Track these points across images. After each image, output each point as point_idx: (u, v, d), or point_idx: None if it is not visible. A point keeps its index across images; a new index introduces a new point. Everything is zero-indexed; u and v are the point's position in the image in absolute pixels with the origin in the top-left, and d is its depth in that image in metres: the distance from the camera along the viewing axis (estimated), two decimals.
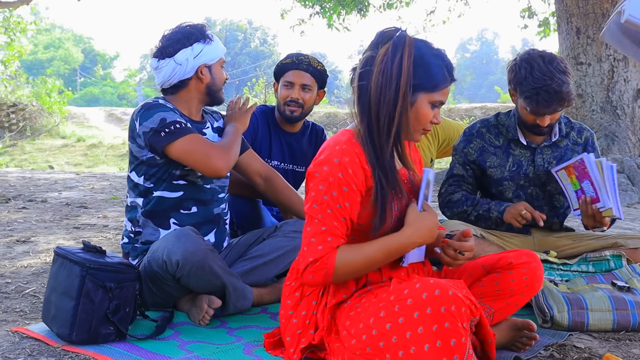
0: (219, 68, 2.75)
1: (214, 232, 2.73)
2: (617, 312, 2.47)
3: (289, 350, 2.07)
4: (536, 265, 2.13)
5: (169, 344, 2.29)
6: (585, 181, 2.79)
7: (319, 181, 1.92)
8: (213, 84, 2.72)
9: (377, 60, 1.94)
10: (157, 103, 2.62)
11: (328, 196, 1.90)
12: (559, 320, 2.45)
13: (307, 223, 1.93)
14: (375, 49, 1.98)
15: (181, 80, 2.68)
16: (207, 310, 2.49)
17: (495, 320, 2.18)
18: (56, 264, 2.37)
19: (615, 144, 7.67)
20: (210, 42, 2.69)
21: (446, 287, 1.72)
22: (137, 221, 2.67)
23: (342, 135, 2.01)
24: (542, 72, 2.75)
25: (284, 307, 2.12)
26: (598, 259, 2.85)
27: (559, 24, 8.24)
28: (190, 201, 2.66)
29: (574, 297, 2.51)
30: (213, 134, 2.79)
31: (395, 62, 1.92)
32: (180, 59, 2.64)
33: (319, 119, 18.87)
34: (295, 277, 2.13)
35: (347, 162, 1.92)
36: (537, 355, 2.24)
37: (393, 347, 1.72)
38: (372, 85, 1.94)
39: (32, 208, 5.74)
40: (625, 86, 7.80)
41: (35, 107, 17.96)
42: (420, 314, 1.70)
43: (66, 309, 2.24)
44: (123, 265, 2.34)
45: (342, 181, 1.91)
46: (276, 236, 2.81)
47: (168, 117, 2.55)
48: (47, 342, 2.27)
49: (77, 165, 13.87)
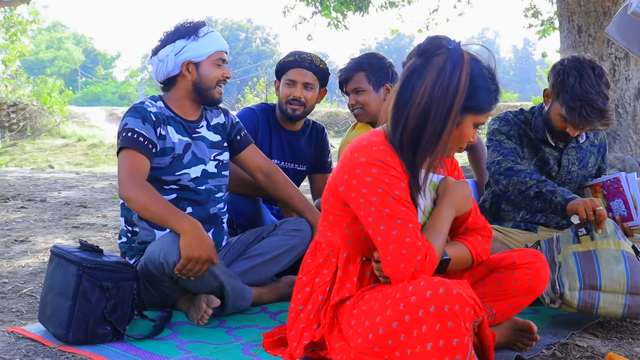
0: (211, 65, 2.68)
1: (212, 232, 2.71)
2: (630, 297, 2.37)
3: (291, 344, 2.06)
4: (541, 265, 2.09)
5: (167, 344, 2.27)
6: (616, 199, 2.77)
7: (375, 184, 1.85)
8: (200, 82, 2.67)
9: (430, 72, 1.86)
10: (134, 106, 2.60)
11: (394, 196, 1.84)
12: (568, 299, 2.37)
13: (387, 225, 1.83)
14: (423, 58, 1.91)
15: (168, 77, 2.67)
16: (206, 310, 2.47)
17: (497, 322, 2.15)
18: (52, 264, 2.35)
19: (617, 142, 7.65)
20: (196, 38, 2.65)
21: (450, 286, 1.69)
22: (132, 221, 2.65)
23: (375, 137, 1.93)
24: (591, 85, 2.65)
25: (294, 301, 2.11)
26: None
27: (561, 23, 8.21)
28: (184, 202, 2.63)
29: (590, 270, 2.40)
30: (208, 132, 2.75)
31: (453, 80, 1.85)
32: (162, 55, 2.65)
33: (320, 118, 18.85)
34: (306, 272, 2.10)
35: (390, 162, 1.87)
36: (539, 355, 2.22)
37: (402, 345, 1.71)
38: (419, 97, 1.87)
39: (31, 207, 5.72)
40: (627, 85, 7.77)
41: (35, 106, 17.94)
42: (425, 312, 1.68)
43: (62, 309, 2.22)
44: (120, 264, 2.32)
45: (397, 179, 1.86)
46: (275, 235, 2.79)
47: (129, 123, 2.54)
48: (44, 342, 2.25)
49: (78, 165, 13.84)
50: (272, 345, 2.20)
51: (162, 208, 2.40)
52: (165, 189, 2.60)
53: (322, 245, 2.09)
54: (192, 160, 2.65)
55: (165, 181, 2.60)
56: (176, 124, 2.66)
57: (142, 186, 2.44)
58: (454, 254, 2.00)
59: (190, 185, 2.64)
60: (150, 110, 2.58)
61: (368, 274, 2.04)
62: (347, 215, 1.98)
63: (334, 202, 2.01)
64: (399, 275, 1.81)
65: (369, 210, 1.85)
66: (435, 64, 1.87)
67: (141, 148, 2.50)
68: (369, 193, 1.85)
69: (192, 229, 2.36)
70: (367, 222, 1.87)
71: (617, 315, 2.40)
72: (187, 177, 2.63)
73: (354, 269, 2.02)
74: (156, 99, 2.69)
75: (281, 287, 2.82)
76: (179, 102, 2.70)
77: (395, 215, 1.83)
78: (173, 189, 2.62)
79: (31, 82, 20.12)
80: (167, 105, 2.68)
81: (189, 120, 2.71)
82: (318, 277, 2.06)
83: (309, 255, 2.13)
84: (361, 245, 2.01)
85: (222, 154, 2.78)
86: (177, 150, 2.62)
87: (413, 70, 1.91)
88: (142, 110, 2.57)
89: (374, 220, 1.85)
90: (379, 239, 1.84)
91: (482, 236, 2.12)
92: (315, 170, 3.53)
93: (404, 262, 1.81)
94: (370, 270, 2.04)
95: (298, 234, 2.78)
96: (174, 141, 2.62)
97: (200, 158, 2.68)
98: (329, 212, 2.05)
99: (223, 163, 2.77)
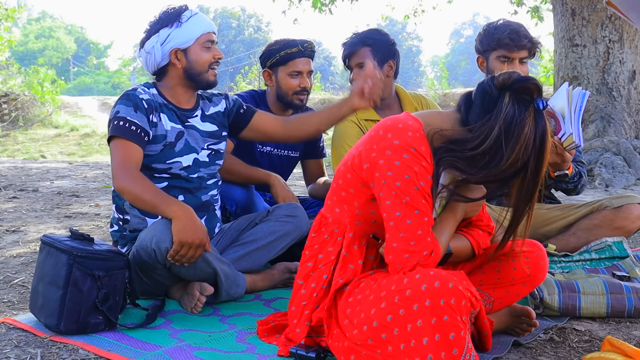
0: (200, 49, 2.61)
1: (204, 219, 2.67)
2: (611, 296, 2.40)
3: (291, 321, 2.04)
4: (540, 254, 2.07)
5: (160, 332, 2.24)
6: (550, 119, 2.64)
7: (403, 169, 1.79)
8: (190, 67, 2.61)
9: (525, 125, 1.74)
10: (126, 93, 2.56)
11: (418, 186, 1.79)
12: (549, 303, 2.38)
13: (404, 213, 1.79)
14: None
15: (159, 68, 2.63)
16: (199, 298, 2.44)
17: (495, 310, 2.13)
18: (43, 253, 2.31)
19: (612, 125, 7.63)
20: (179, 24, 2.58)
21: (446, 279, 1.67)
22: (123, 209, 2.61)
23: (412, 121, 1.86)
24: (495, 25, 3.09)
25: (297, 276, 2.09)
26: (600, 246, 2.81)
27: (554, 6, 8.17)
28: (176, 190, 2.60)
29: (566, 282, 2.46)
30: (203, 122, 2.70)
31: (536, 142, 1.76)
32: (148, 47, 2.60)
33: (314, 104, 18.73)
34: (309, 246, 2.07)
35: (423, 152, 1.81)
36: (536, 339, 2.21)
37: (395, 339, 1.69)
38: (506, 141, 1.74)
39: (23, 197, 5.68)
40: (621, 68, 7.74)
41: (27, 97, 17.79)
42: (420, 306, 1.66)
43: (54, 299, 2.19)
44: (112, 252, 2.28)
45: (425, 170, 1.81)
46: (269, 221, 2.75)
47: (121, 111, 2.50)
48: (35, 332, 2.22)
49: (71, 155, 13.76)
50: (267, 332, 2.17)
51: (153, 196, 2.37)
52: (156, 177, 2.56)
53: (329, 221, 2.04)
54: (184, 149, 2.61)
55: (156, 169, 2.56)
56: (169, 112, 2.61)
57: (134, 176, 2.40)
58: (456, 247, 1.98)
59: (181, 173, 2.60)
60: (142, 97, 2.54)
61: (371, 258, 2.01)
62: (361, 195, 1.94)
63: (351, 179, 1.96)
64: (399, 264, 1.78)
65: (389, 193, 1.81)
66: (530, 121, 1.75)
67: (133, 137, 2.46)
68: (394, 176, 1.80)
69: (184, 214, 2.33)
70: (384, 204, 1.83)
71: (602, 314, 2.40)
72: (179, 165, 2.59)
73: (359, 251, 1.99)
74: (149, 86, 2.64)
75: (275, 275, 2.80)
76: (172, 90, 2.66)
77: (415, 205, 1.79)
78: (164, 177, 2.58)
79: (23, 72, 19.95)
80: (160, 93, 2.64)
81: (182, 109, 2.66)
82: (322, 254, 2.03)
83: (314, 228, 2.10)
84: (369, 228, 1.98)
85: (219, 143, 2.74)
86: (169, 138, 2.58)
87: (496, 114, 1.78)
88: (134, 98, 2.52)
89: (392, 204, 1.81)
90: (391, 224, 1.80)
91: (483, 230, 2.10)
92: (308, 156, 3.49)
93: (410, 253, 1.78)
94: (373, 254, 2.01)
95: (291, 220, 2.75)
96: (167, 129, 2.58)
97: (192, 147, 2.64)
98: (342, 187, 1.99)
99: (217, 152, 2.73)
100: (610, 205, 2.93)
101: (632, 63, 7.79)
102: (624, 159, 7.31)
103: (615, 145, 7.40)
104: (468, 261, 2.11)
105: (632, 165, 7.27)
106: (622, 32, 7.70)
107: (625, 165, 7.21)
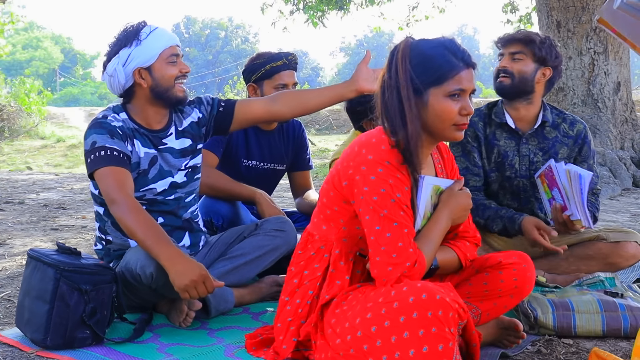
0: (164, 65, 2.49)
1: (187, 235, 2.66)
2: (606, 314, 2.37)
3: (277, 337, 2.03)
4: (527, 266, 2.07)
5: (148, 347, 2.23)
6: (554, 189, 2.71)
7: (378, 183, 1.84)
8: (157, 85, 2.49)
9: (380, 76, 1.94)
10: (98, 121, 2.45)
11: (395, 198, 1.83)
12: (543, 322, 2.36)
13: (383, 226, 1.82)
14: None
15: (125, 90, 2.51)
16: (189, 313, 2.42)
17: (482, 322, 2.13)
18: (29, 267, 2.30)
19: (597, 137, 7.69)
20: (139, 43, 2.46)
21: (434, 291, 1.68)
22: (105, 230, 2.57)
23: (384, 135, 1.91)
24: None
25: (282, 292, 2.09)
26: (592, 281, 2.78)
27: (540, 18, 8.24)
28: (154, 213, 2.52)
29: (560, 301, 2.45)
30: (177, 140, 2.60)
31: (392, 70, 1.89)
32: (110, 70, 2.48)
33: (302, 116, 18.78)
34: (295, 263, 2.07)
35: (397, 164, 1.86)
36: (524, 351, 2.22)
37: (377, 351, 1.69)
38: (380, 101, 1.93)
39: (9, 210, 5.64)
40: (606, 79, 7.82)
41: (13, 107, 17.70)
42: (407, 318, 1.66)
43: (40, 313, 2.18)
44: (99, 267, 2.27)
45: (400, 182, 1.86)
46: (257, 235, 2.74)
47: (98, 141, 2.38)
48: (21, 347, 2.20)
49: (57, 166, 13.69)
50: (255, 346, 2.16)
51: (145, 238, 2.24)
52: None
53: (315, 238, 2.05)
54: (157, 175, 2.54)
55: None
56: (141, 137, 2.52)
57: (130, 207, 2.28)
58: (443, 260, 2.00)
59: (157, 198, 2.55)
60: (115, 125, 2.44)
61: (359, 272, 2.02)
62: (346, 212, 1.96)
63: (334, 197, 1.98)
64: (384, 278, 1.80)
65: (367, 208, 1.85)
66: (383, 69, 1.95)
67: (119, 162, 2.37)
68: (370, 191, 1.84)
69: (172, 261, 2.21)
70: (364, 219, 1.86)
71: (598, 333, 2.37)
72: (154, 191, 2.54)
73: (346, 267, 1.99)
74: (119, 110, 2.54)
75: (263, 288, 2.79)
76: (142, 112, 2.55)
77: (392, 218, 1.82)
78: (141, 203, 2.44)
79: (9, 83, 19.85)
80: (130, 117, 2.53)
81: (154, 131, 2.56)
82: (307, 270, 2.03)
83: (300, 245, 2.10)
84: (355, 244, 2.00)
85: (194, 157, 2.66)
86: (142, 165, 2.50)
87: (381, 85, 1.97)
88: (107, 125, 2.43)
89: (371, 218, 1.84)
90: (372, 238, 1.83)
91: (470, 242, 2.11)
92: (295, 168, 3.48)
93: (392, 266, 1.79)
94: (360, 268, 2.02)
95: (280, 234, 2.73)
96: (140, 156, 2.50)
97: (167, 170, 2.57)
98: (327, 205, 2.01)
99: (195, 168, 2.66)
100: (607, 238, 2.85)
101: (617, 75, 7.87)
102: (610, 170, 7.37)
103: (601, 156, 7.45)
104: (455, 273, 2.12)
105: (617, 176, 7.32)
106: (607, 44, 7.78)
107: (611, 175, 7.27)
